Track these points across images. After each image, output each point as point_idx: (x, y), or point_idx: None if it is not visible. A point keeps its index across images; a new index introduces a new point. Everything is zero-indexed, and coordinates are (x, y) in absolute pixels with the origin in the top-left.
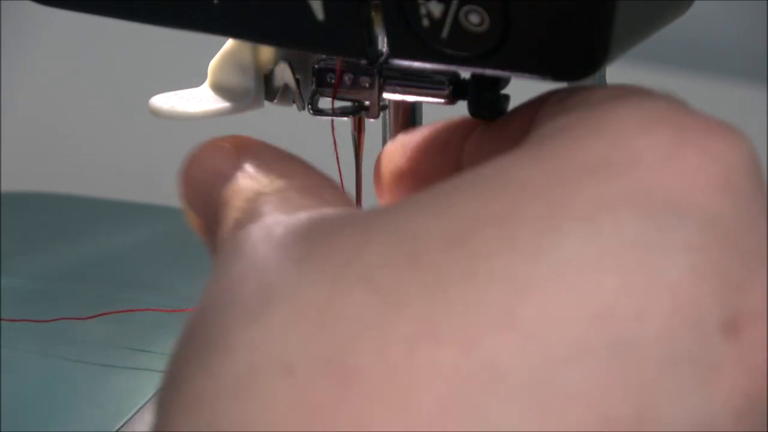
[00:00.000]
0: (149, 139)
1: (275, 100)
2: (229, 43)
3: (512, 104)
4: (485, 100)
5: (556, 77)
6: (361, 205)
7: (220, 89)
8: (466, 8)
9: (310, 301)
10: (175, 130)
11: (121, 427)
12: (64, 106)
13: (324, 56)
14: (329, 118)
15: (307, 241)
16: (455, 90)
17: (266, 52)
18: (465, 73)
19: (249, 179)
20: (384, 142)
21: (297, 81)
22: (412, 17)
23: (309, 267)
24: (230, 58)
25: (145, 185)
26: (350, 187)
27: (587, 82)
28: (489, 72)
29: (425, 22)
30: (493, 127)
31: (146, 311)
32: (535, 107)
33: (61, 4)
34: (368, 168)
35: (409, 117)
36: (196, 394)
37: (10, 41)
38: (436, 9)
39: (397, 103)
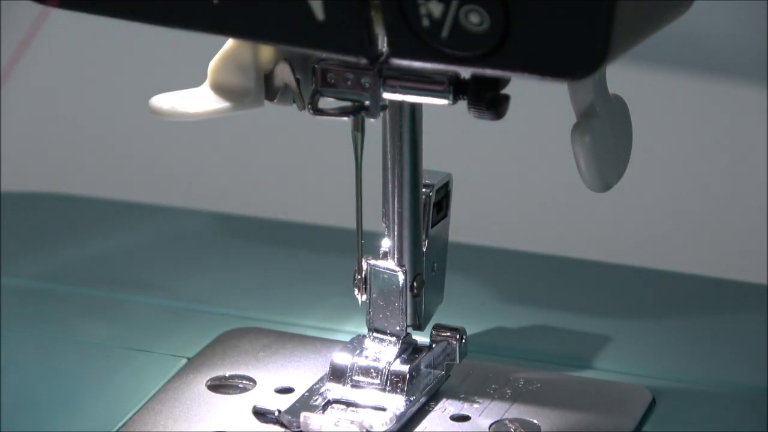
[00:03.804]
0: (149, 139)
1: (275, 100)
2: (229, 43)
3: (512, 104)
4: (485, 100)
5: (557, 77)
6: (361, 204)
7: (220, 89)
8: (466, 8)
9: None
10: (176, 130)
11: (121, 427)
12: (65, 106)
13: (324, 56)
14: (329, 117)
15: None
16: (455, 90)
17: (266, 52)
18: (465, 73)
19: None
20: (384, 142)
21: (297, 81)
22: (412, 17)
23: None
24: (230, 58)
25: (145, 185)
26: (351, 186)
27: (587, 81)
28: (489, 72)
29: (425, 22)
30: None
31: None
32: None
33: (61, 4)
34: (368, 167)
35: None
36: None
37: (10, 41)
38: (436, 9)
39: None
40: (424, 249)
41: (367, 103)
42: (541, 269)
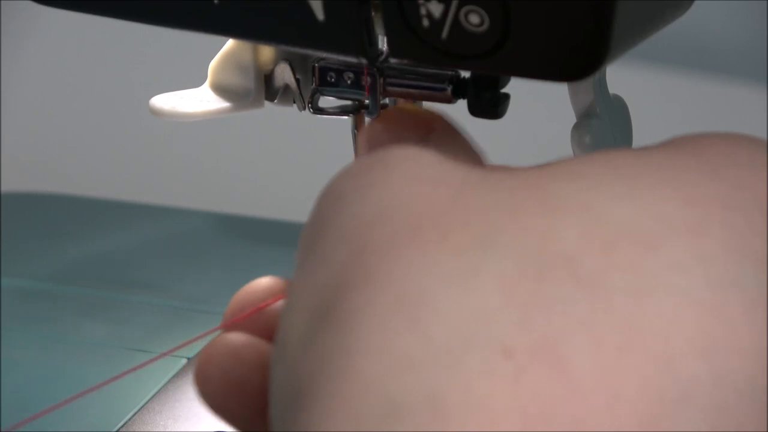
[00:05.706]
0: (149, 139)
1: (275, 100)
2: (229, 43)
3: (512, 104)
4: (485, 99)
5: (557, 78)
6: None
7: (220, 89)
8: (466, 8)
9: (518, 281)
10: (176, 130)
11: (121, 427)
12: (64, 106)
13: (324, 56)
14: (329, 117)
15: (493, 203)
16: (455, 90)
17: (266, 52)
18: (465, 73)
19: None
20: None
21: (297, 81)
22: (412, 17)
23: (506, 238)
24: (230, 58)
25: (145, 185)
26: None
27: (587, 81)
28: (489, 72)
29: (425, 22)
30: None
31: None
32: None
33: (61, 4)
34: None
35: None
36: (402, 356)
37: (10, 41)
38: (436, 9)
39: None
40: None
41: (367, 101)
42: None
